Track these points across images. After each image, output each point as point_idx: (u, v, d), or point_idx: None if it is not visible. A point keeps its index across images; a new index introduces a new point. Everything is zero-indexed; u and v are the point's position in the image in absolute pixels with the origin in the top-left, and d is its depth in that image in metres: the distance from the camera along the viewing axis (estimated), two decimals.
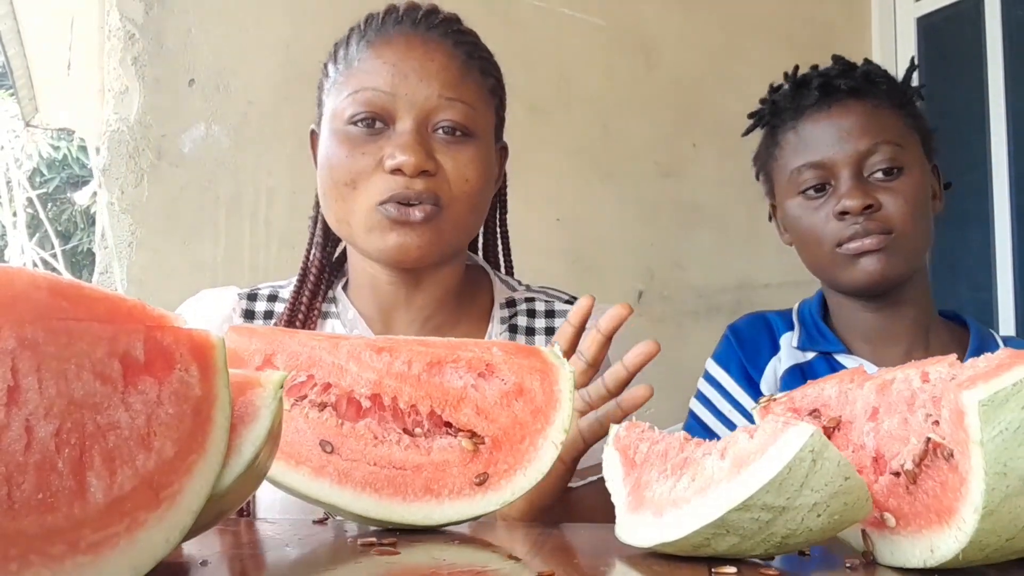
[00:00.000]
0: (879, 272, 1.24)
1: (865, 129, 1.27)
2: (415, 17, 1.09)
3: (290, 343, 0.78)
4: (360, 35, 1.09)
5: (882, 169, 1.25)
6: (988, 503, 0.55)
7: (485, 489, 0.75)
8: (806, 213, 1.29)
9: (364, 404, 0.77)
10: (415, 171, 1.01)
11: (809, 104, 1.30)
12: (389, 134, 1.04)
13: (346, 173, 1.03)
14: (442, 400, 0.77)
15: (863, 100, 1.29)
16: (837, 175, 1.26)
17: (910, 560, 0.60)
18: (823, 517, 0.58)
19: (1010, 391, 0.54)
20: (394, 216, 1.02)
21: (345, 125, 1.05)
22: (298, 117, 2.36)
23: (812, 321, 1.37)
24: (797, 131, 1.31)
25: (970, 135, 2.42)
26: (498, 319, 1.16)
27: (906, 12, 2.57)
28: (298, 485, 0.73)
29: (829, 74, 1.31)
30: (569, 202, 2.41)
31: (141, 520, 0.49)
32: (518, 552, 0.72)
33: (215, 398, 0.55)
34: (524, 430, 0.77)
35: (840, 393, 0.71)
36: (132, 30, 2.22)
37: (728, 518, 0.58)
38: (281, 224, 2.24)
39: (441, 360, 0.79)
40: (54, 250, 9.83)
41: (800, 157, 1.29)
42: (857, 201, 1.23)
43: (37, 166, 10.02)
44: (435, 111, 1.04)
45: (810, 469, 0.56)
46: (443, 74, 1.05)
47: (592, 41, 2.46)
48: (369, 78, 1.04)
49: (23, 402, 0.47)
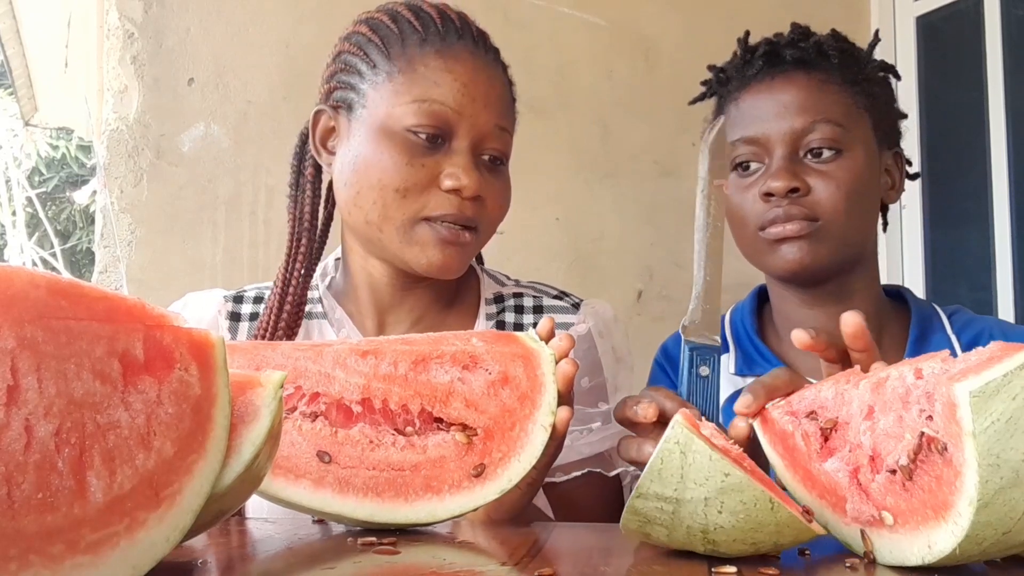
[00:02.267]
0: (798, 261, 1.12)
1: (804, 105, 1.15)
2: (473, 34, 1.10)
3: (273, 356, 0.78)
4: (421, 37, 1.07)
5: (816, 149, 1.14)
6: (983, 495, 0.55)
7: (483, 480, 0.76)
8: (736, 191, 1.17)
9: (355, 410, 0.77)
10: (473, 195, 1.04)
11: (753, 74, 1.20)
12: (445, 150, 1.05)
13: (400, 180, 1.03)
14: (431, 397, 0.78)
15: (809, 73, 1.17)
16: (771, 153, 1.15)
17: (909, 558, 0.60)
18: (726, 515, 0.60)
19: (1000, 382, 0.54)
20: (444, 235, 1.04)
21: (403, 131, 1.04)
22: (298, 116, 2.35)
23: (748, 338, 1.25)
24: (738, 103, 1.20)
25: (969, 135, 2.42)
26: (484, 315, 1.16)
27: (905, 12, 2.56)
28: (300, 499, 0.73)
29: (777, 43, 1.21)
30: (569, 202, 2.41)
31: (141, 520, 0.49)
32: (518, 551, 0.72)
33: (215, 397, 0.54)
34: (513, 417, 0.78)
35: (836, 394, 0.72)
36: (131, 29, 2.22)
37: (635, 504, 0.63)
38: (280, 223, 2.23)
39: (426, 357, 0.79)
40: (53, 249, 9.83)
41: (737, 131, 1.18)
42: (782, 183, 1.12)
43: (36, 165, 10.02)
44: (488, 138, 1.06)
45: (682, 461, 0.60)
46: (499, 104, 1.08)
47: (592, 41, 2.46)
48: (439, 91, 1.04)
49: (23, 401, 0.47)
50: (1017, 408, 0.54)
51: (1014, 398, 0.54)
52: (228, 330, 1.15)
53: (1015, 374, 0.54)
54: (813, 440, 0.70)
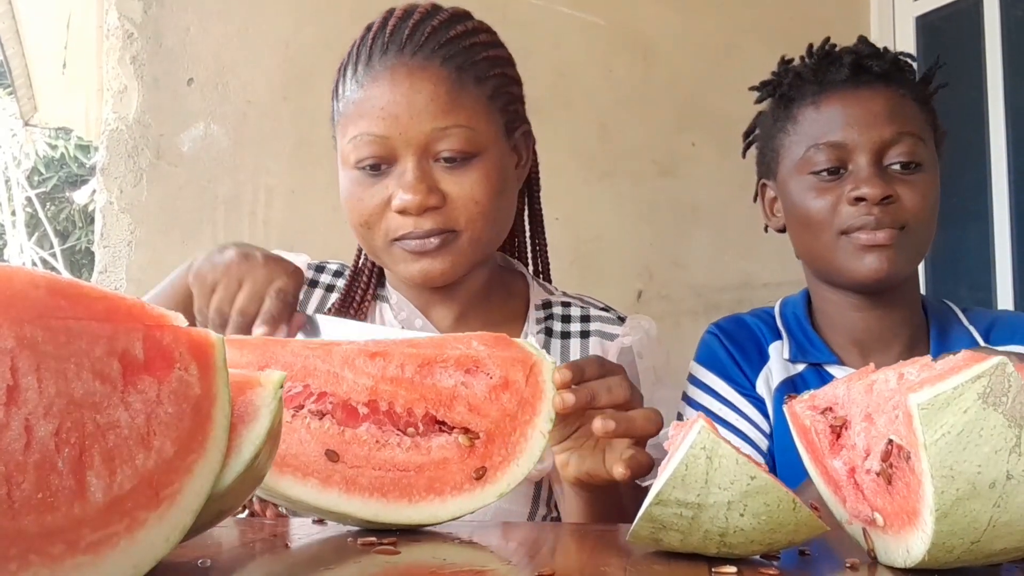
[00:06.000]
0: (883, 271, 1.16)
1: (891, 117, 1.19)
2: (400, 41, 1.07)
3: (283, 354, 0.78)
4: (353, 70, 1.09)
5: (902, 162, 1.18)
6: (940, 505, 0.55)
7: (484, 483, 0.76)
8: (814, 195, 1.20)
9: (361, 411, 0.77)
10: (420, 210, 1.04)
11: (838, 80, 1.22)
12: (394, 171, 1.06)
13: (359, 215, 1.08)
14: (436, 401, 0.78)
15: (890, 87, 1.21)
16: (855, 159, 1.18)
17: (895, 560, 0.61)
18: (748, 517, 0.60)
19: (950, 395, 0.54)
20: (412, 248, 1.06)
21: (351, 169, 1.08)
22: (297, 117, 2.37)
23: (800, 328, 1.29)
24: (818, 107, 1.22)
25: (969, 134, 2.42)
26: (533, 320, 1.18)
27: (905, 11, 2.56)
28: (307, 498, 0.73)
29: (860, 53, 1.23)
30: (568, 202, 2.41)
31: (141, 519, 0.49)
32: (518, 552, 0.72)
33: (215, 397, 0.54)
34: (514, 422, 0.79)
35: (846, 392, 0.72)
36: (131, 29, 2.22)
37: (652, 511, 0.62)
38: (280, 223, 2.24)
39: (431, 360, 0.79)
40: (53, 249, 9.83)
41: (819, 135, 1.20)
42: (878, 190, 1.15)
43: (36, 165, 10.02)
44: (432, 143, 1.04)
45: (708, 466, 0.59)
46: (432, 105, 1.04)
47: (592, 41, 2.46)
48: (364, 123, 1.05)
49: (22, 401, 0.47)
50: (969, 421, 0.53)
51: (965, 411, 0.53)
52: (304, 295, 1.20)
53: (966, 387, 0.53)
54: (823, 437, 0.71)
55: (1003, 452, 0.54)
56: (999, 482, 0.54)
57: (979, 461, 0.54)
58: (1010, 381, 0.54)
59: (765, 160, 1.31)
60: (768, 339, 1.29)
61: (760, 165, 1.33)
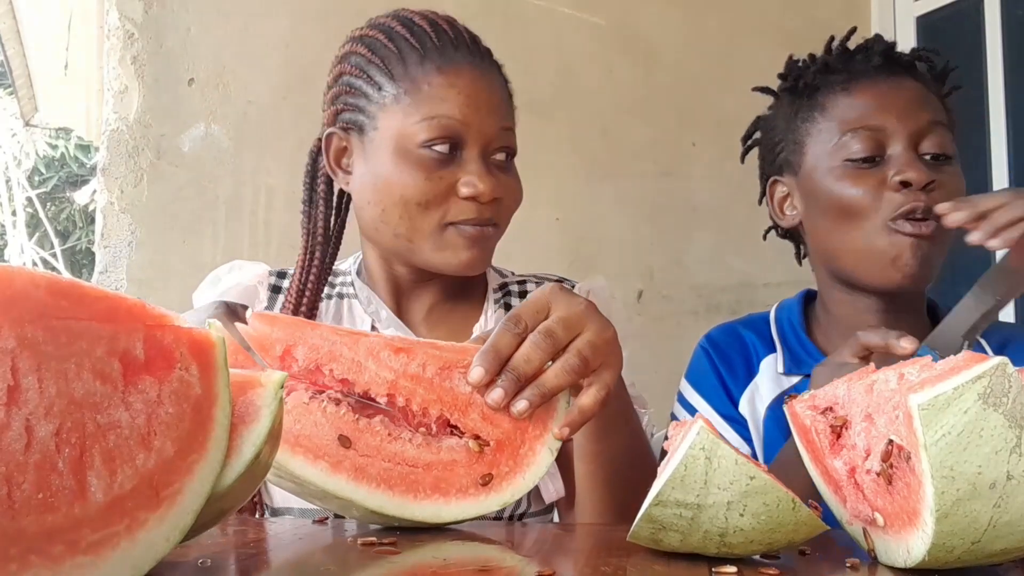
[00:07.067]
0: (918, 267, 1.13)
1: (924, 106, 1.16)
2: (467, 42, 1.14)
3: (312, 335, 0.79)
4: (420, 55, 1.11)
5: (934, 153, 1.15)
6: (940, 506, 0.55)
7: (488, 490, 0.77)
8: (850, 182, 1.15)
9: (380, 403, 0.78)
10: (490, 198, 1.09)
11: (869, 68, 1.19)
12: (458, 160, 1.10)
13: (420, 195, 1.09)
14: (452, 404, 0.79)
15: (917, 80, 1.20)
16: (893, 145, 1.14)
17: (896, 560, 0.61)
18: (748, 517, 0.60)
19: (951, 396, 0.54)
20: (470, 234, 1.10)
21: (418, 148, 1.09)
22: (297, 117, 2.36)
23: (795, 337, 1.24)
24: (851, 93, 1.19)
25: (970, 134, 2.41)
26: (492, 301, 1.23)
27: (906, 11, 2.56)
28: (316, 479, 0.73)
29: (888, 44, 1.22)
30: (569, 202, 2.41)
31: (141, 520, 0.49)
32: (518, 552, 0.72)
33: (215, 397, 0.54)
34: (524, 435, 0.80)
35: (846, 392, 0.72)
36: (131, 29, 2.22)
37: (652, 512, 0.62)
38: (280, 223, 2.24)
39: (452, 364, 0.80)
40: (53, 249, 9.83)
41: (854, 119, 1.16)
42: (924, 175, 1.11)
43: (36, 165, 10.02)
44: (495, 140, 1.11)
45: (707, 466, 0.60)
46: (501, 106, 1.13)
47: (592, 41, 2.46)
48: (445, 106, 1.09)
49: (23, 401, 0.47)
50: (969, 422, 0.53)
51: (965, 412, 0.53)
52: (268, 300, 1.22)
53: (966, 388, 0.53)
54: (823, 437, 0.71)
55: (1003, 452, 0.54)
56: (999, 482, 0.54)
57: (979, 461, 0.54)
58: (1010, 382, 0.54)
59: (778, 156, 1.27)
60: (760, 354, 1.25)
61: (768, 164, 1.30)
